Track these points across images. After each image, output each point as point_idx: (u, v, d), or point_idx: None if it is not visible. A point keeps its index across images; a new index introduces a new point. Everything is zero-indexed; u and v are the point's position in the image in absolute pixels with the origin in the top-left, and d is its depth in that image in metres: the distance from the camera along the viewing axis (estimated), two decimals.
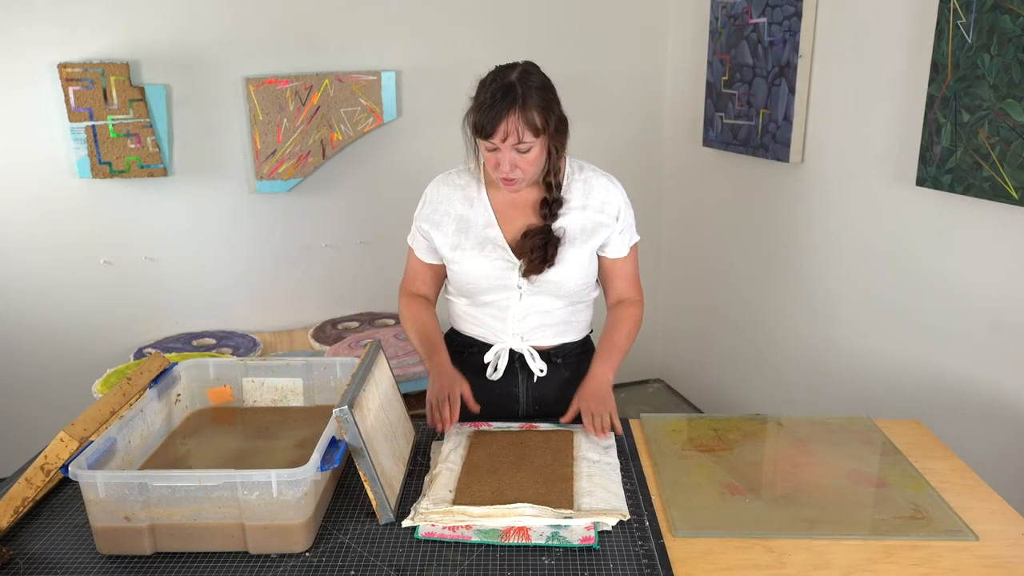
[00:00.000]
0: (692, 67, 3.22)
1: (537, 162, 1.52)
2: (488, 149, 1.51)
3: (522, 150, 1.48)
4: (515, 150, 1.48)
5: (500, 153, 1.49)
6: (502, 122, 1.44)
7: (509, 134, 1.45)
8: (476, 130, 1.49)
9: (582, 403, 1.54)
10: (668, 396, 3.69)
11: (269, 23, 2.90)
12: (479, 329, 1.67)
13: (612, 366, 1.61)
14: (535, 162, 1.51)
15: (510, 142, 1.46)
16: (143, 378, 1.42)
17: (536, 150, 1.50)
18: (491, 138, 1.47)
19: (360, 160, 3.13)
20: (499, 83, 1.47)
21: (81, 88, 2.69)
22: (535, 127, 1.46)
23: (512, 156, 1.49)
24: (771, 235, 2.85)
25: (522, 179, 1.53)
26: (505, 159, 1.49)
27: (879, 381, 2.38)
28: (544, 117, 1.48)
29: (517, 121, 1.45)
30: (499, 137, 1.46)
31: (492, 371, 1.65)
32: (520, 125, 1.45)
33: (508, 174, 1.51)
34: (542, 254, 1.56)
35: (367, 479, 1.24)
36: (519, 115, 1.45)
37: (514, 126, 1.45)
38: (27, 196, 2.79)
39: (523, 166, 1.50)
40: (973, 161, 1.93)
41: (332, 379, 1.57)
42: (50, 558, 1.20)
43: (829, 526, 1.27)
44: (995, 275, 1.97)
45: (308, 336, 3.02)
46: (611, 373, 1.60)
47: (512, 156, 1.49)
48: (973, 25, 1.89)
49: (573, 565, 1.16)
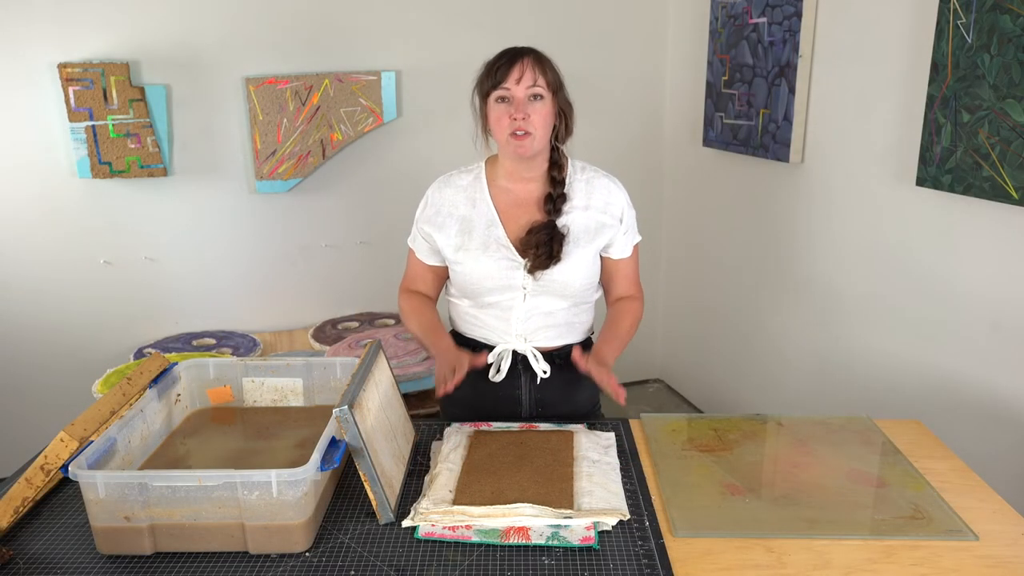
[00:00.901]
0: (692, 67, 3.22)
1: (548, 119, 1.54)
2: (499, 99, 1.53)
3: (536, 93, 1.51)
4: (529, 98, 1.51)
5: (512, 103, 1.51)
6: (517, 64, 1.50)
7: (524, 74, 1.50)
8: (488, 82, 1.53)
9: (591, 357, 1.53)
10: (668, 396, 3.69)
11: (269, 23, 2.90)
12: (482, 331, 1.67)
13: (613, 352, 1.60)
14: (547, 118, 1.53)
15: (525, 83, 1.50)
16: (143, 378, 1.42)
17: (547, 105, 1.53)
18: (505, 81, 1.50)
19: (360, 160, 3.13)
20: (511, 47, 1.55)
21: (81, 88, 2.69)
22: (547, 79, 1.52)
23: (525, 106, 1.51)
24: (771, 235, 2.85)
25: (533, 136, 1.52)
26: (519, 106, 1.50)
27: (879, 381, 2.38)
28: (555, 76, 1.55)
29: (532, 64, 1.51)
30: (514, 78, 1.50)
31: (495, 372, 1.64)
32: (535, 68, 1.51)
33: (521, 123, 1.51)
34: (548, 250, 1.56)
35: (367, 479, 1.24)
36: (534, 61, 1.52)
37: (530, 67, 1.51)
38: (27, 196, 2.79)
39: (535, 118, 1.51)
40: (973, 161, 1.93)
41: (332, 379, 1.57)
42: (50, 558, 1.19)
43: (829, 526, 1.27)
44: (995, 275, 1.97)
45: (308, 336, 3.02)
46: (612, 358, 1.58)
47: (525, 106, 1.51)
48: (973, 25, 1.89)
49: (573, 565, 1.16)
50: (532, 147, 1.54)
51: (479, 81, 1.57)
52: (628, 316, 1.67)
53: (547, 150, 1.60)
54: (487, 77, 1.54)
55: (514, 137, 1.53)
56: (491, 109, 1.55)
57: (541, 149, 1.57)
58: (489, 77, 1.53)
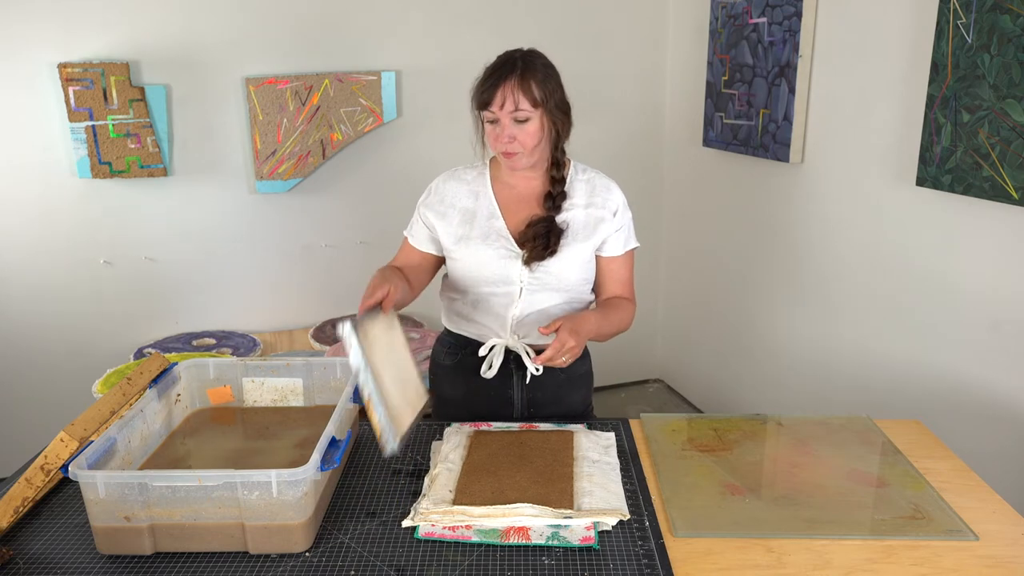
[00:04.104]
0: (692, 67, 3.22)
1: (536, 136, 1.54)
2: (489, 120, 1.54)
3: (520, 119, 1.51)
4: (514, 121, 1.51)
5: (500, 124, 1.52)
6: (499, 88, 1.50)
7: (506, 100, 1.50)
8: (478, 103, 1.54)
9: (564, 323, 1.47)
10: (668, 396, 3.69)
11: (269, 23, 2.90)
12: (476, 327, 1.67)
13: (598, 324, 1.55)
14: (534, 136, 1.53)
15: (507, 109, 1.50)
16: (143, 378, 1.42)
17: (535, 123, 1.53)
18: (490, 106, 1.51)
19: (360, 160, 3.13)
20: (502, 58, 1.54)
21: (81, 88, 2.69)
22: (533, 97, 1.51)
23: (511, 128, 1.52)
24: (771, 235, 2.85)
25: (521, 153, 1.54)
26: (504, 129, 1.52)
27: (879, 381, 2.38)
28: (543, 90, 1.52)
29: (515, 88, 1.50)
30: (497, 104, 1.50)
31: (487, 368, 1.62)
32: (517, 93, 1.50)
33: (507, 146, 1.53)
34: (544, 242, 1.57)
35: (370, 401, 1.17)
36: (517, 83, 1.50)
37: (511, 92, 1.50)
38: (27, 196, 2.79)
39: (521, 139, 1.52)
40: (973, 161, 1.93)
41: (332, 379, 1.57)
42: (50, 558, 1.20)
43: (829, 526, 1.27)
44: (995, 275, 1.97)
45: (308, 336, 3.02)
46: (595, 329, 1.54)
47: (511, 128, 1.52)
48: (973, 25, 1.89)
49: (573, 565, 1.16)
50: (522, 163, 1.57)
51: (472, 94, 1.58)
52: (618, 311, 1.64)
53: (547, 152, 1.61)
54: (476, 95, 1.55)
55: (505, 155, 1.56)
56: (484, 122, 1.58)
57: (533, 162, 1.59)
58: (477, 96, 1.55)
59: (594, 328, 1.54)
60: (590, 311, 1.60)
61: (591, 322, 1.53)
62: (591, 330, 1.53)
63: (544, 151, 1.59)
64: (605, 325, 1.59)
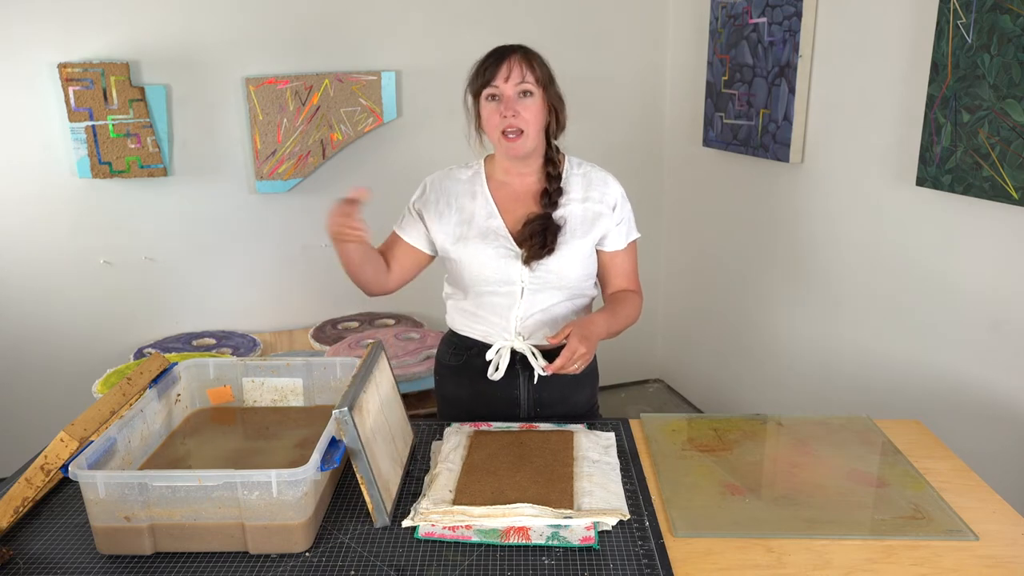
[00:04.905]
0: (692, 67, 3.22)
1: (539, 115, 1.54)
2: (490, 97, 1.54)
3: (525, 90, 1.52)
4: (518, 95, 1.52)
5: (502, 101, 1.52)
6: (505, 63, 1.52)
7: (512, 72, 1.52)
8: (478, 81, 1.55)
9: (574, 329, 1.48)
10: (668, 396, 3.69)
11: (269, 23, 2.90)
12: (480, 328, 1.66)
13: (607, 324, 1.56)
14: (537, 114, 1.54)
15: (513, 80, 1.52)
16: (143, 378, 1.42)
17: (537, 101, 1.54)
18: (494, 80, 1.52)
19: (360, 160, 3.13)
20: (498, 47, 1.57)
21: (81, 88, 2.69)
22: (536, 74, 1.53)
23: (515, 103, 1.52)
24: (771, 235, 2.85)
25: (524, 134, 1.54)
26: (508, 104, 1.52)
27: (879, 381, 2.38)
28: (544, 71, 1.56)
29: (520, 61, 1.53)
30: (502, 76, 1.52)
31: (493, 370, 1.63)
32: (523, 65, 1.53)
33: (511, 120, 1.52)
34: (541, 240, 1.56)
35: (364, 482, 1.24)
36: (522, 57, 1.54)
37: (517, 65, 1.52)
38: (27, 196, 2.79)
39: (525, 116, 1.53)
40: (973, 161, 1.93)
41: (332, 379, 1.57)
42: (50, 558, 1.20)
43: (829, 526, 1.27)
44: (995, 275, 1.97)
45: (308, 336, 3.02)
46: (604, 330, 1.55)
47: (515, 103, 1.52)
48: (973, 25, 1.89)
49: (573, 565, 1.16)
50: (524, 146, 1.56)
51: (470, 80, 1.59)
52: (626, 305, 1.64)
53: (542, 146, 1.61)
54: (477, 76, 1.56)
55: (505, 138, 1.55)
56: (483, 107, 1.57)
57: (534, 147, 1.58)
58: (479, 76, 1.56)
59: (604, 330, 1.55)
60: (598, 313, 1.59)
61: (600, 324, 1.54)
62: (601, 333, 1.53)
63: (541, 140, 1.59)
64: (615, 324, 1.59)
